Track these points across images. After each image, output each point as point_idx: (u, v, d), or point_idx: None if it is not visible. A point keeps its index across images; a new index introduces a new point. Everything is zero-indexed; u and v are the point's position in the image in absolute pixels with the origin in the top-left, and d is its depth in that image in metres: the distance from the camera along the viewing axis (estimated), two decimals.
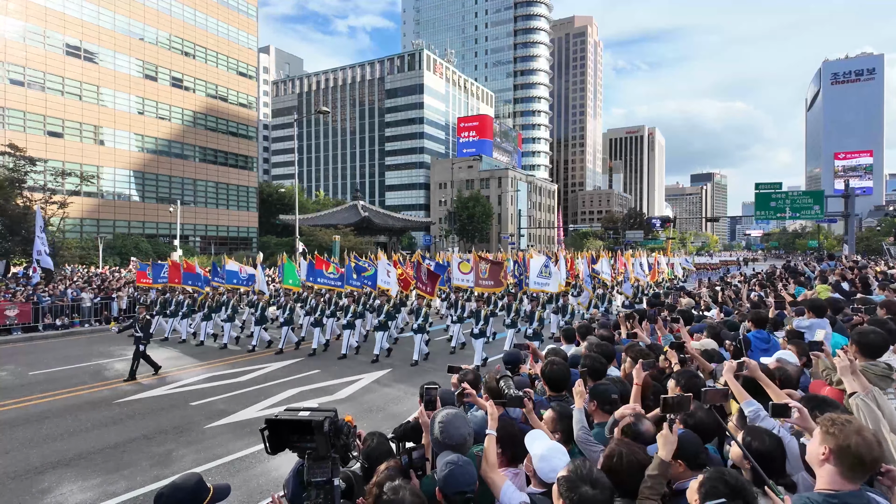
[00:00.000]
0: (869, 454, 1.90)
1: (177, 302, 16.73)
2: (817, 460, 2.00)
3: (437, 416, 2.65)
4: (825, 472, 1.97)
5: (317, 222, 56.25)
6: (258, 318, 14.82)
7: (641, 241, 74.99)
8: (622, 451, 2.43)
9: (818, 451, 1.99)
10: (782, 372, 3.36)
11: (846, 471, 1.92)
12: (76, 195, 41.18)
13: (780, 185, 35.87)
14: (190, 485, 2.35)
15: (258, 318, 14.82)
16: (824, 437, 1.98)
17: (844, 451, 1.91)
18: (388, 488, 2.15)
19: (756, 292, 11.54)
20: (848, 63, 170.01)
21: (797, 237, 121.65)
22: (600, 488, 2.02)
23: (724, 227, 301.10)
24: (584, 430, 3.03)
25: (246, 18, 59.06)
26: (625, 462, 2.37)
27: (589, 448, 2.96)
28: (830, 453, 1.94)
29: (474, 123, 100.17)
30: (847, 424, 1.96)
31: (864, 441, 1.90)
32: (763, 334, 5.38)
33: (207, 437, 7.77)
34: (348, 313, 13.84)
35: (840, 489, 1.92)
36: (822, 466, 1.98)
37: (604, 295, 16.56)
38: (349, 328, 13.73)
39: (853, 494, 1.91)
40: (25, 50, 41.47)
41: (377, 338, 13.16)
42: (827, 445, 1.96)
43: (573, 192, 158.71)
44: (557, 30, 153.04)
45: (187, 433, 7.91)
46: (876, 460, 1.95)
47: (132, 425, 8.31)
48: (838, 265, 18.55)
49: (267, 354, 13.78)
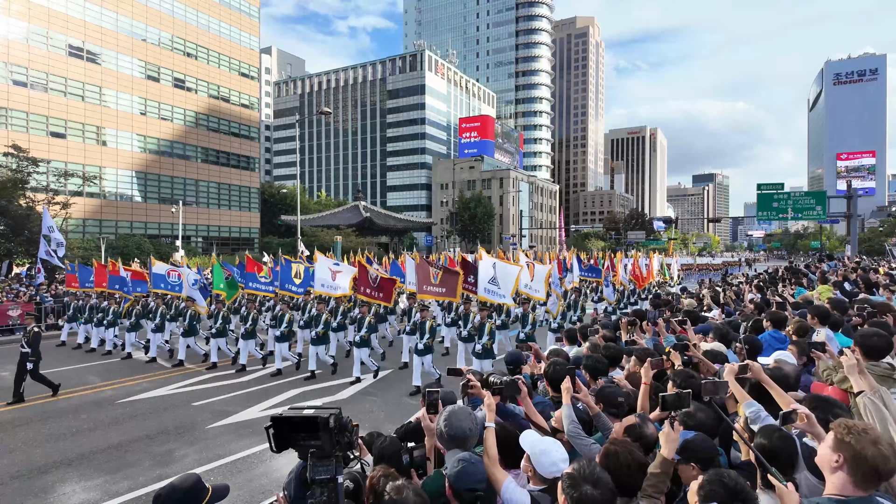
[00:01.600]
0: (885, 465, 1.87)
1: (92, 308, 15.10)
2: (829, 466, 1.97)
3: (442, 412, 2.72)
4: (837, 478, 1.94)
5: (318, 223, 56.35)
6: (186, 329, 13.02)
7: (643, 242, 74.95)
8: (618, 449, 2.44)
9: (831, 457, 1.96)
10: (779, 372, 3.36)
11: (859, 480, 1.89)
12: (79, 196, 41.36)
13: (782, 186, 35.77)
14: (187, 485, 2.34)
15: (186, 329, 13.02)
16: (839, 445, 1.94)
17: (860, 460, 1.87)
18: (391, 488, 2.17)
19: (754, 294, 11.51)
20: (850, 63, 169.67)
21: (799, 238, 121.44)
22: (602, 488, 2.03)
23: (727, 227, 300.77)
24: (574, 424, 3.05)
25: (248, 19, 59.16)
26: (622, 461, 2.38)
27: (579, 442, 2.98)
28: (845, 462, 1.91)
29: (476, 124, 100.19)
30: (864, 434, 1.92)
31: (881, 453, 1.87)
32: (780, 335, 5.38)
33: (209, 437, 7.78)
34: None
35: (850, 496, 1.89)
36: (835, 473, 1.95)
37: (576, 302, 14.47)
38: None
39: (862, 500, 1.89)
40: (28, 51, 41.59)
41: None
42: (842, 454, 1.92)
43: (575, 192, 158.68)
44: (559, 30, 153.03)
45: (189, 433, 7.93)
46: (891, 472, 1.92)
47: (134, 425, 8.33)
48: (839, 266, 18.54)
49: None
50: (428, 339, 10.27)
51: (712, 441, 2.62)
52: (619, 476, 2.31)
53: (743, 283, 17.91)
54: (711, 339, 5.44)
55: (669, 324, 6.49)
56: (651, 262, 22.57)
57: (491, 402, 2.86)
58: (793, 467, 2.43)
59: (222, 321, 12.51)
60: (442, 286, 11.02)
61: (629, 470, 2.36)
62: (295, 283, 14.68)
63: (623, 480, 2.32)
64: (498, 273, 10.73)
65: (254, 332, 12.30)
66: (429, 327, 10.35)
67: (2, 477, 6.40)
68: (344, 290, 12.68)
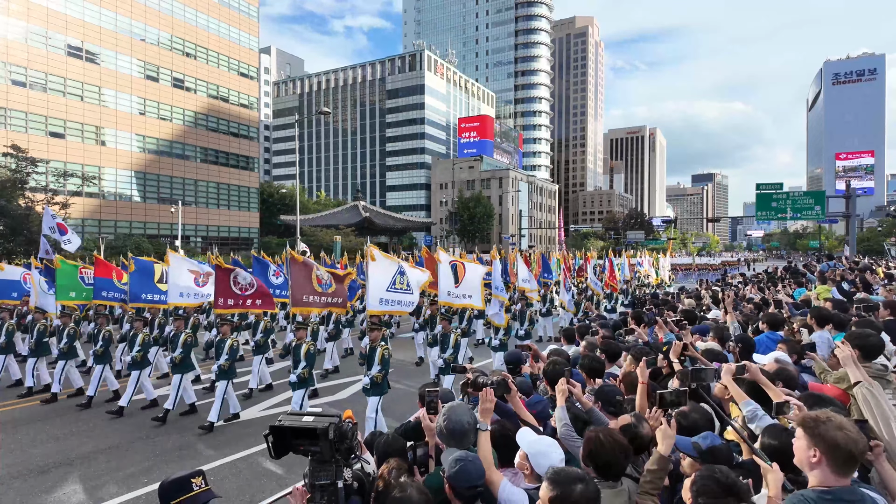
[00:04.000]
0: (857, 448, 1.93)
1: None
2: (808, 463, 2.01)
3: (442, 409, 2.76)
4: (818, 472, 1.98)
5: (318, 223, 56.32)
6: (33, 347, 10.34)
7: (643, 242, 74.97)
8: (599, 434, 2.49)
9: (808, 453, 2.00)
10: (785, 373, 3.39)
11: (839, 468, 1.94)
12: (78, 196, 41.34)
13: (781, 186, 35.83)
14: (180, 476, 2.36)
15: (33, 347, 10.34)
16: (812, 439, 1.98)
17: (835, 449, 1.92)
18: (395, 485, 2.23)
19: (752, 295, 11.54)
20: (849, 63, 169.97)
21: (798, 238, 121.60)
22: (586, 483, 2.04)
23: (726, 227, 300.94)
24: (567, 426, 3.08)
25: (247, 19, 59.15)
26: (605, 442, 2.42)
27: (571, 444, 3.01)
28: (822, 454, 1.95)
29: (475, 124, 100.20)
30: (829, 422, 1.97)
31: (850, 437, 1.93)
32: (777, 336, 5.42)
33: (211, 436, 7.79)
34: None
35: (833, 485, 1.94)
36: (814, 469, 1.99)
37: (522, 311, 12.37)
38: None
39: (847, 490, 1.93)
40: (27, 51, 41.57)
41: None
42: (816, 448, 1.96)
43: (574, 192, 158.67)
44: (558, 30, 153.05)
45: (190, 433, 7.94)
46: (863, 452, 1.99)
47: (134, 425, 8.34)
48: (838, 265, 18.57)
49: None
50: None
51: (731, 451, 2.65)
52: (603, 459, 2.38)
53: (741, 283, 17.94)
54: (712, 338, 5.47)
55: (668, 324, 6.52)
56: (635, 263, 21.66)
57: (489, 404, 2.85)
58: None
59: (68, 339, 9.91)
60: (338, 295, 8.80)
61: (612, 453, 2.41)
62: (157, 290, 10.90)
63: (609, 462, 2.38)
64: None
65: (102, 353, 9.54)
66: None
67: (2, 477, 6.41)
68: (210, 297, 9.98)
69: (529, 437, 2.62)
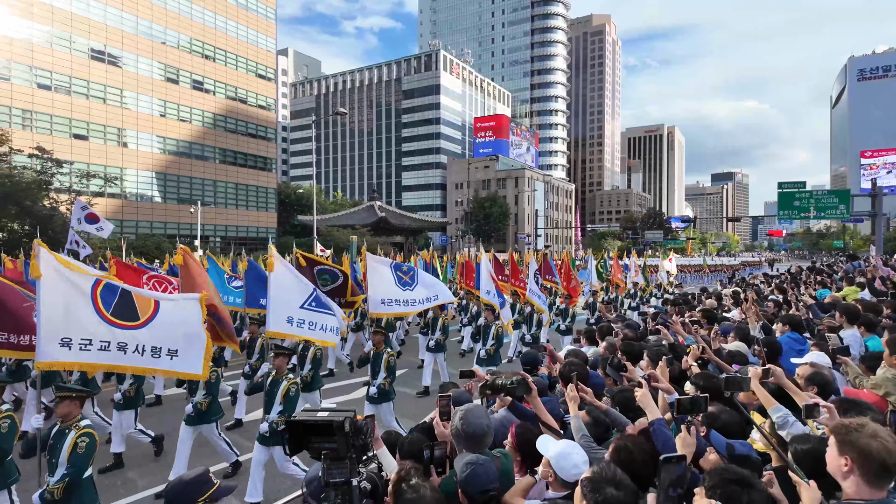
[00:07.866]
0: (891, 458, 1.83)
1: None
2: (840, 472, 1.93)
3: (458, 410, 2.71)
4: (851, 483, 1.90)
5: (334, 223, 56.67)
6: None
7: (661, 242, 74.09)
8: (628, 443, 2.43)
9: (839, 462, 1.92)
10: (819, 377, 3.23)
11: (872, 479, 1.85)
12: (100, 196, 42.16)
13: (804, 184, 35.01)
14: (192, 475, 2.43)
15: None
16: (842, 447, 1.91)
17: (867, 458, 1.84)
18: (409, 486, 2.20)
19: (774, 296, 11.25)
20: (875, 59, 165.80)
21: (821, 237, 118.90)
22: (624, 489, 2.00)
23: (746, 227, 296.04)
24: (586, 437, 2.97)
25: (265, 21, 59.80)
26: (634, 452, 2.37)
27: (592, 455, 2.91)
28: (853, 463, 1.87)
29: (491, 123, 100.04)
30: (861, 429, 1.89)
31: (884, 446, 1.83)
32: (797, 336, 5.28)
33: (234, 433, 7.76)
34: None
35: (868, 497, 1.85)
36: (847, 479, 1.91)
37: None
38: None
39: (882, 503, 1.85)
40: (52, 55, 42.56)
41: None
42: (847, 456, 1.89)
43: (591, 191, 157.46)
44: (575, 29, 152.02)
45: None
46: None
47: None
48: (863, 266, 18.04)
49: None
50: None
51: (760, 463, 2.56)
52: (633, 469, 2.29)
53: (762, 283, 17.56)
54: (733, 337, 5.32)
55: (686, 325, 6.36)
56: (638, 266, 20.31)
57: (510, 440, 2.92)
58: None
59: None
60: None
61: (642, 461, 2.35)
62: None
63: (637, 473, 2.29)
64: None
65: None
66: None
67: None
68: None
69: (550, 443, 2.56)
